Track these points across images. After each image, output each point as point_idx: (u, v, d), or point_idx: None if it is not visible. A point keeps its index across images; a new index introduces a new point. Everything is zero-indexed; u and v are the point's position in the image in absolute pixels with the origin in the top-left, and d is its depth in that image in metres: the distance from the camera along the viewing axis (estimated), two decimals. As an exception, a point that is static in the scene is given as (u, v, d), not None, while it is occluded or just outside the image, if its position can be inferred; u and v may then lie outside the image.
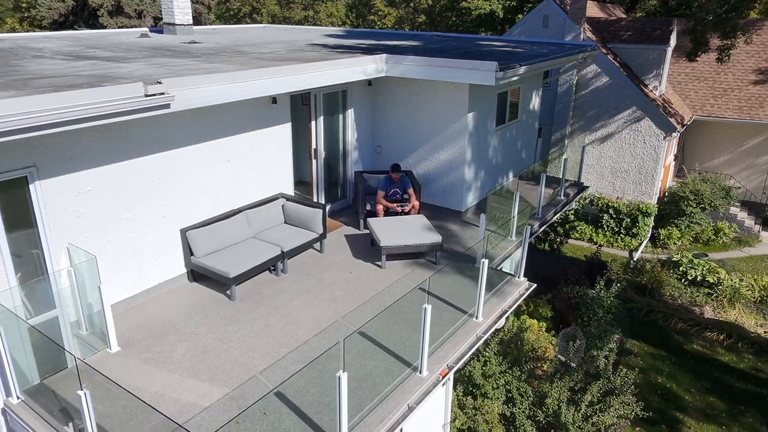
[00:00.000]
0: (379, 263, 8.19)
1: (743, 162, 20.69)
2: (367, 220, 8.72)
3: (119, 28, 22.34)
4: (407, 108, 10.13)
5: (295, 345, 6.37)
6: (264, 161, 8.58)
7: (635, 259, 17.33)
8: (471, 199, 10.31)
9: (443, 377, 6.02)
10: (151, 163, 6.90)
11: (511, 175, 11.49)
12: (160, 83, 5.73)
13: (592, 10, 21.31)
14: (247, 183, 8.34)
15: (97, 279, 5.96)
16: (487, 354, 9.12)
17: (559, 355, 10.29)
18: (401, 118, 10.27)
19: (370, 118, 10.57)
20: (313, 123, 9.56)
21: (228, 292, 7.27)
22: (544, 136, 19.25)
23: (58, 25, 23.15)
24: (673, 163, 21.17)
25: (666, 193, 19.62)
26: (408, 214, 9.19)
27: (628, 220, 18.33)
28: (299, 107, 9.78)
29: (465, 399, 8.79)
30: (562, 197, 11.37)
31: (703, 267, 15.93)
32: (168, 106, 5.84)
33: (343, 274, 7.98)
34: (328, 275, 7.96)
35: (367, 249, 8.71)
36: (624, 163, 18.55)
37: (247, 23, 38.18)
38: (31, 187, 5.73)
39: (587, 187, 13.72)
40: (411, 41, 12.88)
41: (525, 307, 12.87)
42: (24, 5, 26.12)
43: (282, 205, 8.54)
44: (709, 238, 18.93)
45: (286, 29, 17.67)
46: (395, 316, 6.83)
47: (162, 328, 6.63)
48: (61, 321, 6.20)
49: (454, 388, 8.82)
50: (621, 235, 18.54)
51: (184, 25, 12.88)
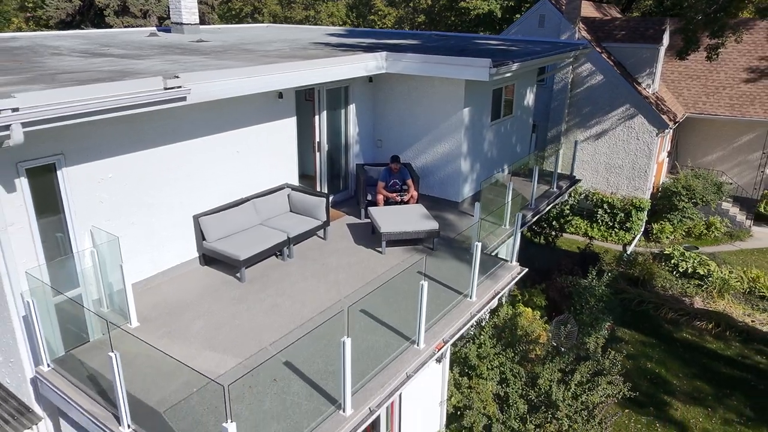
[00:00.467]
0: (379, 249, 8.66)
1: (735, 158, 21.16)
2: (368, 209, 9.20)
3: (125, 27, 22.83)
4: (406, 103, 10.61)
5: (300, 322, 6.84)
6: (271, 153, 9.06)
7: (628, 252, 17.81)
8: (467, 190, 10.79)
9: (439, 350, 6.50)
10: (167, 153, 7.37)
11: (506, 167, 11.96)
12: (178, 77, 6.21)
13: (588, 10, 21.79)
14: (255, 173, 8.81)
15: (118, 259, 6.43)
16: (482, 337, 9.59)
17: (552, 341, 10.77)
18: (400, 112, 10.74)
19: (371, 113, 11.04)
20: (316, 117, 10.04)
21: (238, 275, 7.75)
22: (540, 132, 19.75)
23: (65, 24, 23.63)
24: (666, 159, 21.64)
25: (659, 189, 20.09)
26: (407, 203, 9.66)
27: (622, 214, 18.80)
28: (303, 103, 10.25)
29: (461, 379, 9.25)
30: (555, 189, 11.85)
31: (694, 259, 16.41)
32: (184, 99, 6.32)
33: (345, 259, 8.46)
34: (331, 260, 8.43)
35: (368, 236, 9.19)
36: (618, 159, 19.03)
37: (248, 23, 38.65)
38: (58, 173, 6.21)
39: (579, 180, 14.19)
40: (410, 40, 13.36)
41: (520, 297, 13.33)
42: (30, 5, 26.61)
43: (288, 195, 9.02)
44: (701, 232, 19.42)
45: (289, 28, 18.14)
46: (395, 296, 7.31)
47: (177, 306, 7.11)
48: (84, 299, 6.67)
49: (451, 369, 9.28)
50: (615, 229, 19.02)
51: (191, 24, 13.34)
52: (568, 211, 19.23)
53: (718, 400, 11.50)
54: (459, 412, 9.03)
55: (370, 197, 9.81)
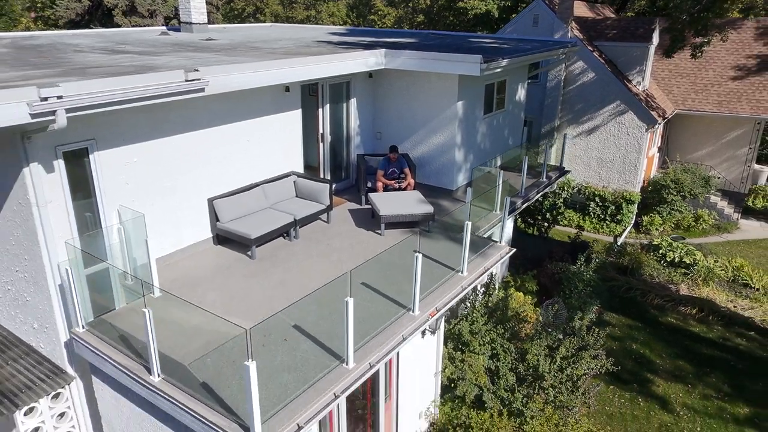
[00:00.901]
0: (378, 231, 9.36)
1: (724, 154, 21.86)
2: (369, 195, 9.90)
3: (132, 26, 23.53)
4: (404, 98, 11.31)
5: (307, 293, 7.53)
6: (278, 142, 9.76)
7: (619, 243, 18.50)
8: (461, 179, 11.49)
9: (432, 317, 7.20)
10: (185, 140, 8.08)
11: (499, 159, 12.66)
12: (197, 71, 6.91)
13: (581, 10, 22.48)
14: (264, 161, 9.52)
15: (143, 235, 7.13)
16: (474, 315, 10.29)
17: (540, 320, 11.47)
18: (399, 106, 11.44)
19: (371, 106, 11.74)
20: (320, 110, 10.74)
21: (249, 253, 8.45)
22: (534, 128, 20.46)
23: (74, 24, 24.35)
24: (657, 155, 22.35)
25: (649, 183, 20.79)
26: (404, 190, 10.36)
27: (613, 207, 19.52)
28: (307, 98, 10.94)
29: (455, 353, 9.95)
30: (544, 179, 12.55)
31: (681, 249, 17.10)
32: (203, 90, 7.03)
33: (347, 240, 9.16)
34: (334, 241, 9.13)
35: (368, 220, 9.89)
36: (609, 154, 19.73)
37: (250, 23, 39.33)
38: (90, 156, 6.91)
39: (568, 171, 14.88)
40: (408, 38, 14.07)
41: (512, 282, 14.04)
42: (39, 5, 27.33)
43: (294, 181, 9.73)
44: (690, 224, 20.13)
45: (293, 27, 18.85)
46: (393, 271, 8.01)
47: (195, 280, 7.81)
48: (112, 272, 7.37)
49: (445, 345, 9.98)
50: (606, 221, 19.73)
51: (200, 23, 14.04)
52: (561, 204, 19.92)
53: (699, 377, 12.20)
54: (452, 384, 9.73)
55: (370, 185, 10.51)
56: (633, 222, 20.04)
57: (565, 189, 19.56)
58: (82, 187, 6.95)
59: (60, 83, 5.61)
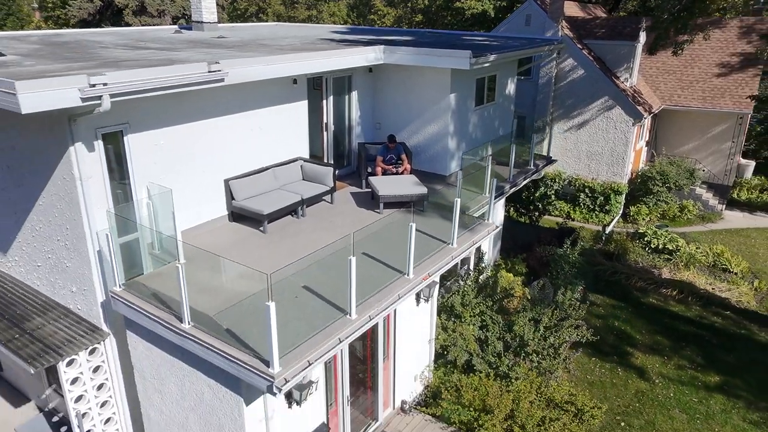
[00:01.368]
0: (378, 210, 10.31)
1: (709, 148, 22.83)
2: (369, 178, 10.85)
3: (142, 26, 24.46)
4: (401, 91, 12.26)
5: (315, 260, 8.48)
6: (287, 130, 10.71)
7: (607, 232, 19.46)
8: (454, 165, 12.45)
9: (424, 280, 8.15)
10: (204, 126, 9.02)
11: (489, 147, 13.61)
12: (218, 63, 7.86)
13: (573, 10, 23.45)
14: (274, 146, 10.47)
15: (170, 209, 8.07)
16: (465, 289, 11.24)
17: (527, 296, 12.43)
18: (396, 98, 12.40)
19: (371, 99, 12.70)
20: (324, 102, 11.69)
21: (261, 228, 9.40)
22: (527, 123, 21.41)
23: (85, 23, 25.30)
24: (645, 148, 23.31)
25: (637, 175, 21.75)
26: (401, 174, 11.31)
27: (602, 198, 20.48)
28: (312, 92, 11.88)
29: (447, 323, 10.91)
30: (532, 167, 13.50)
31: (665, 237, 18.05)
32: (223, 80, 7.98)
33: (349, 218, 10.11)
34: (338, 219, 10.08)
35: (368, 201, 10.84)
36: (598, 147, 20.69)
37: (253, 22, 40.28)
38: (124, 138, 7.86)
39: (555, 160, 15.83)
40: (406, 37, 15.02)
41: (503, 265, 14.99)
42: (50, 5, 28.30)
43: (301, 165, 10.69)
44: (675, 214, 21.09)
45: (297, 26, 19.81)
46: (390, 243, 8.95)
47: (214, 250, 8.74)
48: (141, 242, 8.31)
49: (439, 316, 10.93)
50: (596, 211, 20.69)
51: (211, 22, 14.99)
52: (552, 195, 20.87)
53: (675, 351, 13.15)
54: (445, 351, 10.68)
55: (370, 170, 11.46)
56: (621, 212, 20.99)
57: (557, 181, 20.51)
58: (116, 165, 7.89)
59: (107, 72, 6.56)
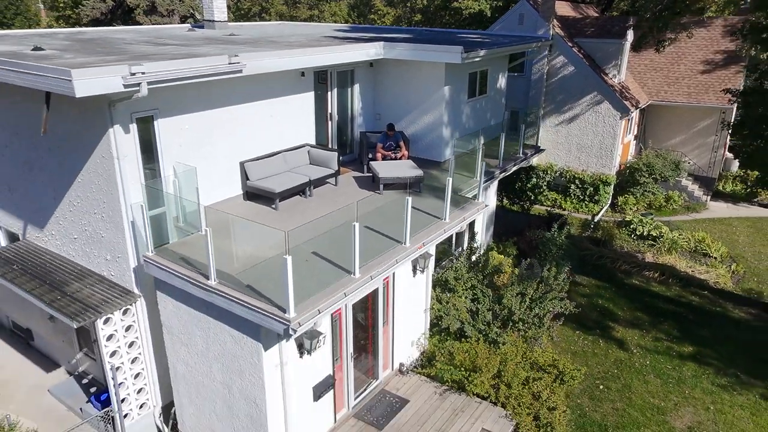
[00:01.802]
0: (378, 191, 11.35)
1: (695, 142, 23.87)
2: (370, 163, 11.90)
3: (152, 25, 25.50)
4: (399, 84, 13.31)
5: (322, 232, 9.52)
6: (295, 118, 11.76)
7: (596, 220, 20.49)
8: (448, 153, 13.50)
9: (419, 249, 9.19)
10: (223, 113, 10.07)
11: (482, 137, 14.64)
12: (237, 56, 8.91)
13: (565, 10, 24.47)
14: (284, 133, 11.52)
15: (194, 185, 9.12)
16: (458, 264, 12.27)
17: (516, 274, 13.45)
18: (395, 91, 13.44)
19: (372, 91, 13.74)
20: (329, 94, 12.74)
21: (273, 206, 10.44)
22: (520, 117, 22.42)
23: (97, 22, 26.33)
24: (634, 142, 24.34)
25: (625, 166, 22.78)
26: (399, 159, 12.36)
27: (591, 188, 21.50)
28: (317, 84, 12.90)
29: (442, 295, 11.94)
30: (521, 155, 14.54)
31: (650, 224, 19.10)
32: (241, 71, 9.02)
33: (352, 198, 11.14)
34: (341, 198, 11.12)
35: (370, 184, 11.88)
36: (587, 140, 21.72)
37: (256, 21, 41.31)
38: (155, 122, 8.90)
39: (543, 149, 16.86)
40: (405, 34, 16.06)
41: (495, 248, 16.03)
42: (61, 5, 29.32)
43: (308, 151, 11.74)
44: (661, 204, 22.13)
45: (301, 25, 20.86)
46: (390, 218, 9.99)
47: (232, 224, 9.78)
48: (167, 215, 9.35)
49: (434, 289, 11.96)
50: (585, 201, 21.71)
51: (221, 21, 16.04)
52: (544, 186, 21.92)
53: (653, 325, 14.20)
54: (439, 321, 11.71)
55: (371, 156, 12.50)
56: (609, 202, 22.02)
57: (548, 172, 21.54)
58: (148, 145, 8.93)
59: (144, 62, 7.60)
